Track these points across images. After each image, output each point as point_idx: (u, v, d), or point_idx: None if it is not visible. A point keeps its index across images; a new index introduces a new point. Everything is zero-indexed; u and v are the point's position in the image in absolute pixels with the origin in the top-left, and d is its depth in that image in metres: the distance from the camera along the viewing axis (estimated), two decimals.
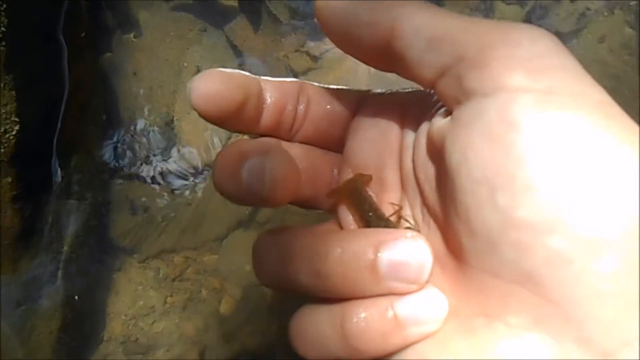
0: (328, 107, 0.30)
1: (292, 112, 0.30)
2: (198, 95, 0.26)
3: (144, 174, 0.65)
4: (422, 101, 0.28)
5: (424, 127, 0.26)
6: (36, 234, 0.55)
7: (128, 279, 0.66)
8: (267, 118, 0.29)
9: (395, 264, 0.24)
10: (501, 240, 0.21)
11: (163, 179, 0.66)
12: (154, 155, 0.66)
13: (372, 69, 0.71)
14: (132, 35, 0.66)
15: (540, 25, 0.67)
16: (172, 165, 0.66)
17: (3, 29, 0.45)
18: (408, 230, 0.26)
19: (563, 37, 0.64)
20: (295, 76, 0.65)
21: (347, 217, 0.30)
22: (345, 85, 0.31)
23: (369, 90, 0.30)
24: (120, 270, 0.66)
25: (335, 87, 0.31)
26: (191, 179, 0.66)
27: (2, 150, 0.48)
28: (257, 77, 0.29)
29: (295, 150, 0.30)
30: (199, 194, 0.66)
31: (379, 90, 0.30)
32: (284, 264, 0.27)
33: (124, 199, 0.65)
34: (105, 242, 0.65)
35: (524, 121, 0.20)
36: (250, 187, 0.26)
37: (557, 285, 0.19)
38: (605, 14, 0.64)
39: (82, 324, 0.63)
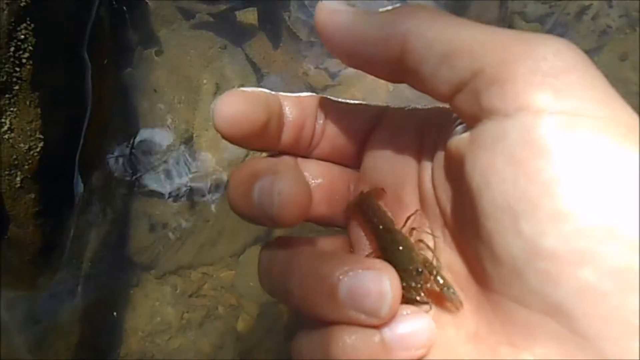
0: (345, 123, 0.29)
1: (310, 129, 0.29)
2: (222, 117, 0.25)
3: (162, 191, 0.65)
4: (442, 118, 0.27)
5: (443, 146, 0.26)
6: (56, 250, 0.55)
7: (145, 295, 0.66)
8: (286, 135, 0.29)
9: (355, 293, 0.23)
10: (527, 269, 0.20)
11: (181, 195, 0.66)
12: (173, 171, 0.66)
13: (391, 86, 0.71)
14: (153, 51, 0.67)
15: None
16: (190, 182, 0.66)
17: (30, 48, 0.46)
18: (378, 261, 0.25)
19: None
20: (314, 93, 0.66)
21: (358, 233, 0.29)
22: (364, 102, 0.30)
23: (387, 106, 0.30)
24: (138, 286, 0.66)
25: (353, 102, 0.30)
26: (209, 195, 0.66)
27: (26, 167, 0.48)
28: (277, 94, 0.28)
29: (312, 166, 0.30)
30: (217, 210, 0.66)
31: (397, 106, 0.30)
32: (271, 277, 0.26)
33: (142, 215, 0.65)
34: (123, 258, 0.65)
35: (550, 146, 0.19)
36: (261, 207, 0.25)
37: (589, 320, 0.19)
38: (627, 31, 0.63)
39: (99, 340, 0.63)
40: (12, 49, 0.44)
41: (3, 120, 0.46)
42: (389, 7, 0.24)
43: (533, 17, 0.64)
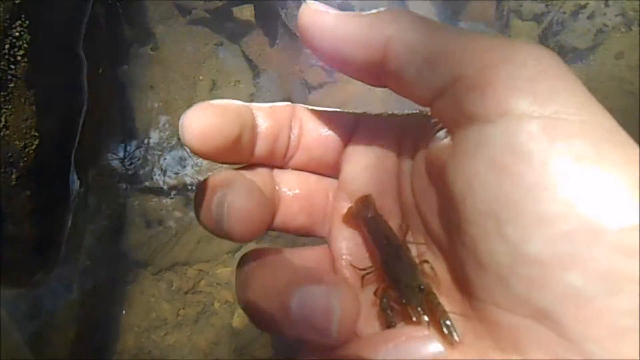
0: (321, 132, 0.29)
1: (285, 139, 0.29)
2: (191, 132, 0.24)
3: (158, 187, 0.65)
4: (420, 124, 0.26)
5: (422, 153, 0.25)
6: (53, 247, 0.55)
7: (141, 291, 0.66)
8: (260, 147, 0.28)
9: (304, 309, 0.22)
10: (512, 275, 0.20)
11: (177, 192, 0.66)
12: (169, 168, 0.66)
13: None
14: (149, 48, 0.67)
15: (557, 41, 0.67)
16: (186, 179, 0.66)
17: (25, 45, 0.45)
18: (334, 276, 0.24)
19: (580, 53, 0.64)
20: (310, 90, 0.65)
21: (340, 243, 0.29)
22: (360, 100, 0.30)
23: (364, 113, 0.29)
24: (134, 283, 0.66)
25: (328, 109, 0.29)
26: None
27: (22, 164, 0.48)
28: (249, 104, 0.27)
29: (288, 177, 0.29)
30: None
31: (374, 113, 0.29)
32: (238, 289, 0.26)
33: (138, 212, 0.65)
34: (119, 255, 0.65)
35: (532, 151, 0.19)
36: (216, 221, 0.25)
37: (575, 323, 0.19)
38: (623, 30, 0.63)
39: (95, 336, 0.63)
40: (6, 46, 0.44)
41: None
42: (373, 11, 0.23)
43: (529, 15, 0.64)
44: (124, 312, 0.65)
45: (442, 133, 0.24)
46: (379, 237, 0.27)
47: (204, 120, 0.25)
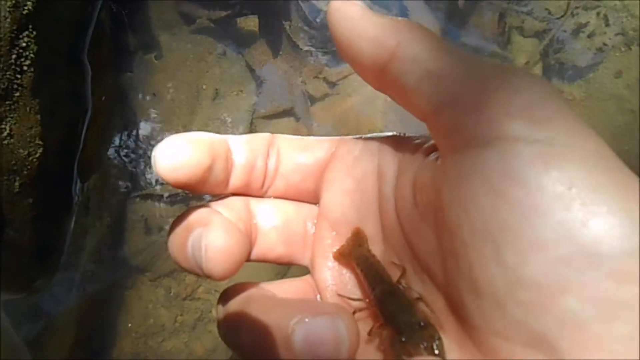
0: (299, 159, 0.29)
1: (262, 169, 0.29)
2: (163, 163, 0.25)
3: (159, 194, 0.66)
4: (400, 146, 0.27)
5: (407, 176, 0.26)
6: (54, 253, 0.56)
7: (139, 297, 0.67)
8: (236, 178, 0.28)
9: (310, 342, 0.22)
10: (509, 300, 0.20)
11: (177, 199, 0.67)
12: None
13: (389, 97, 0.72)
14: (153, 56, 0.67)
15: (557, 59, 0.68)
16: None
17: (32, 55, 0.46)
18: (332, 304, 0.24)
19: (580, 70, 0.65)
20: (311, 101, 0.66)
21: (325, 274, 0.29)
22: (361, 112, 0.30)
23: (341, 138, 0.30)
24: (132, 288, 0.66)
25: (305, 138, 0.30)
26: (205, 199, 0.66)
27: (25, 172, 0.49)
28: (224, 137, 0.28)
29: (265, 207, 0.29)
30: None
31: (351, 137, 0.29)
32: (224, 328, 0.26)
33: (138, 219, 0.65)
34: (118, 261, 0.65)
35: (528, 176, 0.20)
36: (194, 260, 0.25)
37: (572, 349, 0.19)
38: (622, 49, 0.64)
39: (93, 341, 0.63)
40: (13, 56, 0.45)
41: (3, 126, 0.46)
42: (394, 17, 0.25)
43: (531, 32, 0.65)
44: (121, 317, 0.66)
45: (432, 156, 0.24)
46: (372, 275, 0.26)
47: (175, 151, 0.25)
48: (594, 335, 0.19)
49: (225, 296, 0.27)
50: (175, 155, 0.25)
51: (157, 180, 0.66)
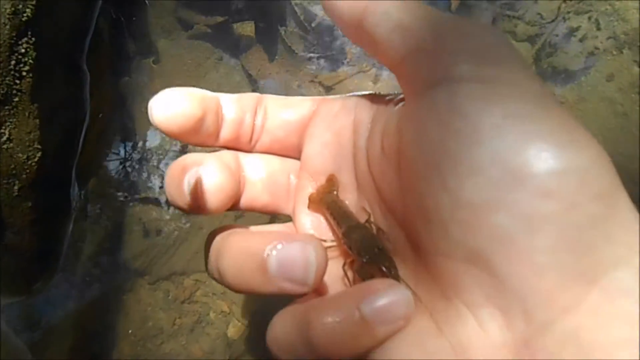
0: (284, 116, 0.32)
1: (250, 125, 0.31)
2: (158, 114, 0.28)
3: (157, 198, 0.66)
4: (374, 103, 0.29)
5: (378, 126, 0.28)
6: (52, 256, 0.56)
7: (138, 300, 0.67)
8: (226, 132, 0.31)
9: (283, 264, 0.24)
10: (451, 221, 0.22)
11: None
12: None
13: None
14: (151, 60, 0.68)
15: (550, 63, 0.68)
16: None
17: (31, 61, 0.47)
18: (303, 234, 0.26)
19: (572, 74, 0.66)
20: None
21: (304, 220, 0.31)
22: None
23: (323, 97, 0.32)
24: (131, 292, 0.67)
25: (290, 97, 0.32)
26: None
27: (24, 176, 0.49)
28: (216, 93, 0.31)
29: (253, 160, 0.32)
30: (210, 217, 0.67)
31: (332, 96, 0.32)
32: (209, 260, 0.28)
33: (137, 222, 0.66)
34: (117, 264, 0.66)
35: (469, 110, 0.22)
36: (191, 196, 0.28)
37: (502, 262, 0.21)
38: (614, 53, 0.65)
39: (92, 344, 0.64)
40: (12, 62, 0.45)
41: (2, 130, 0.47)
42: None
43: (523, 36, 0.65)
44: (120, 320, 0.66)
45: (400, 104, 0.27)
46: (340, 215, 0.29)
47: (169, 101, 0.28)
48: (521, 248, 0.20)
49: (213, 234, 0.29)
50: (169, 107, 0.28)
51: (155, 184, 0.67)
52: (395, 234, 0.27)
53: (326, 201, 0.30)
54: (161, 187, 0.67)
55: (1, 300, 0.54)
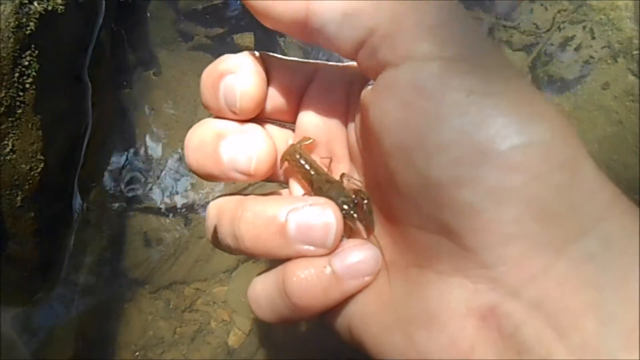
0: (283, 82, 0.31)
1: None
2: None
3: (157, 207, 0.67)
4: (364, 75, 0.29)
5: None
6: (54, 266, 0.57)
7: (139, 309, 0.67)
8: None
9: (303, 228, 0.25)
10: (421, 197, 0.22)
11: (176, 212, 0.68)
12: (168, 189, 0.67)
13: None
14: (151, 72, 0.69)
15: (545, 71, 0.69)
16: (185, 199, 0.68)
17: (34, 73, 0.47)
18: (321, 198, 0.27)
19: (567, 83, 0.66)
20: None
21: (294, 186, 0.32)
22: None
23: (323, 63, 0.32)
24: (132, 301, 0.67)
25: (290, 58, 0.32)
26: (203, 212, 0.67)
27: (27, 187, 0.50)
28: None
29: (253, 129, 0.32)
30: None
31: (331, 63, 0.32)
32: (221, 226, 0.28)
33: (138, 231, 0.66)
34: (118, 273, 0.66)
35: (432, 88, 0.22)
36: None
37: (470, 234, 0.21)
38: (609, 61, 0.66)
39: (92, 354, 0.64)
40: (16, 74, 0.46)
41: (5, 142, 0.47)
42: None
43: (519, 45, 0.66)
44: (121, 330, 0.66)
45: (369, 83, 0.27)
46: (307, 173, 0.29)
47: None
48: (487, 220, 0.21)
49: (216, 203, 0.30)
50: None
51: (156, 194, 0.67)
52: (377, 204, 0.27)
53: (290, 157, 0.30)
54: (162, 197, 0.67)
55: (3, 310, 0.54)
